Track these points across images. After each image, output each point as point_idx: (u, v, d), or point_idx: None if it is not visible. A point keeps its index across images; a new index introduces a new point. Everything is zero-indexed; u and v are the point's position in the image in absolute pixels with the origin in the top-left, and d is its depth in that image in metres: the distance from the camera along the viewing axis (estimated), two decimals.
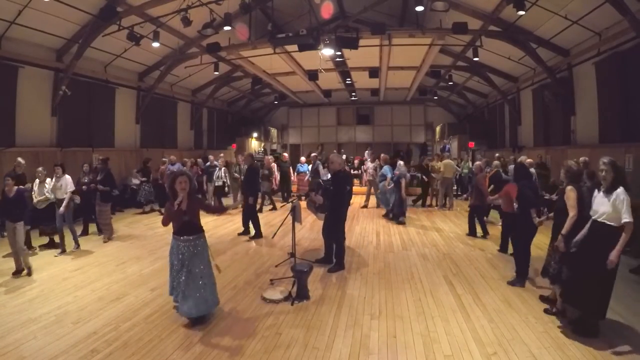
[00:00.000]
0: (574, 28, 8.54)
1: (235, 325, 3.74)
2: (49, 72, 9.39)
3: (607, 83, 8.70)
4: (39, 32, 8.50)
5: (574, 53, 9.68)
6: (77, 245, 6.49)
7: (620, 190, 3.28)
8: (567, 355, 3.13)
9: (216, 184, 10.19)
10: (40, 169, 6.61)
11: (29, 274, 5.15)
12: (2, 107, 8.37)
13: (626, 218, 3.21)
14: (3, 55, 8.20)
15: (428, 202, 11.63)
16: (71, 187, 6.35)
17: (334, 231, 5.50)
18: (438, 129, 20.47)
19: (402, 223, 8.71)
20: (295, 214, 5.03)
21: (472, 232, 7.48)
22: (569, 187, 3.75)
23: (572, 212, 3.63)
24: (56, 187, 6.28)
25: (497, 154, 10.70)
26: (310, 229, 8.18)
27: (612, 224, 3.29)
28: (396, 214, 8.97)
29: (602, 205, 3.37)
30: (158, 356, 3.17)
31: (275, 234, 6.01)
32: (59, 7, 7.91)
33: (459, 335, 3.50)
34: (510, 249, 5.70)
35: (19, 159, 6.61)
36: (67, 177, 6.39)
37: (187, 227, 3.74)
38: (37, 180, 6.53)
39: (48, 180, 6.44)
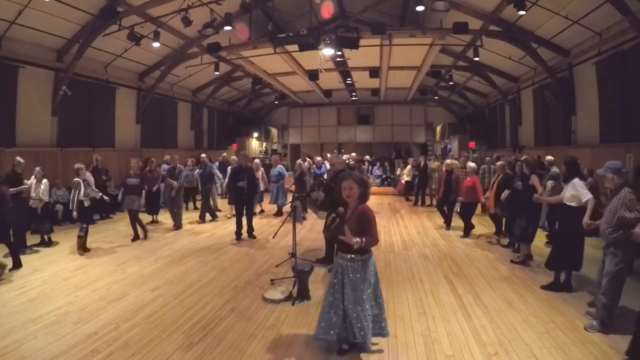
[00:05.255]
0: (575, 28, 8.54)
1: (236, 325, 3.74)
2: (49, 72, 9.39)
3: (607, 83, 8.69)
4: (39, 32, 8.50)
5: (574, 53, 9.67)
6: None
7: (576, 179, 4.36)
8: (569, 355, 3.13)
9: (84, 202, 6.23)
10: (37, 168, 6.62)
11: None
12: (3, 107, 8.37)
13: (586, 196, 4.16)
14: (3, 55, 8.20)
15: (428, 202, 11.65)
16: None
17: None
18: (438, 128, 20.47)
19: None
20: (295, 214, 5.02)
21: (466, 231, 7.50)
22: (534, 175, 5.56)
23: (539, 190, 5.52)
24: None
25: (496, 155, 10.72)
26: (311, 229, 8.17)
27: (572, 204, 4.33)
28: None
29: (566, 192, 4.46)
30: (159, 356, 3.16)
31: (275, 234, 5.99)
32: (59, 7, 7.91)
33: (460, 335, 3.49)
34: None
35: (18, 158, 6.58)
36: None
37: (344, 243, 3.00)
38: (34, 180, 6.54)
39: (44, 181, 6.44)
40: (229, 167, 9.04)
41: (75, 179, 6.15)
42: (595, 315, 3.66)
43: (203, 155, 10.32)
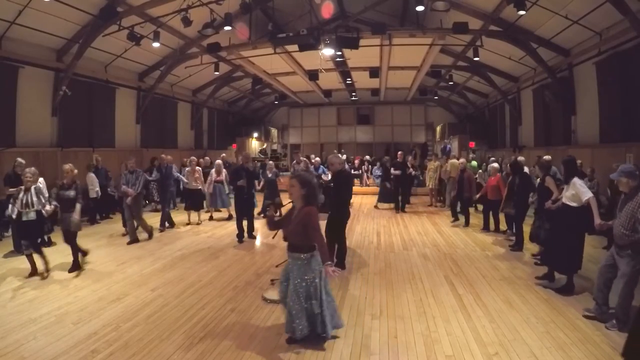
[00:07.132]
0: (575, 28, 8.54)
1: (236, 325, 3.74)
2: (49, 72, 9.39)
3: (607, 83, 8.70)
4: (39, 32, 8.49)
5: (574, 53, 9.67)
6: None
7: (575, 178, 4.36)
8: (569, 355, 3.12)
9: (25, 216, 5.16)
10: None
11: None
12: (3, 107, 8.36)
13: (587, 195, 4.17)
14: (3, 56, 8.20)
15: (428, 202, 11.65)
16: None
17: (336, 231, 5.47)
18: (438, 128, 20.47)
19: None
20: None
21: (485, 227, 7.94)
22: (548, 177, 5.25)
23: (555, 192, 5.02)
24: None
25: (500, 156, 10.73)
26: None
27: (573, 204, 4.32)
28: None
29: (566, 192, 4.45)
30: (159, 356, 3.16)
31: (275, 234, 5.97)
32: (59, 7, 7.91)
33: (460, 335, 3.49)
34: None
35: (19, 159, 6.58)
36: None
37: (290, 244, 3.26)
38: None
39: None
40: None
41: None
42: (595, 312, 3.76)
43: (163, 155, 8.90)
